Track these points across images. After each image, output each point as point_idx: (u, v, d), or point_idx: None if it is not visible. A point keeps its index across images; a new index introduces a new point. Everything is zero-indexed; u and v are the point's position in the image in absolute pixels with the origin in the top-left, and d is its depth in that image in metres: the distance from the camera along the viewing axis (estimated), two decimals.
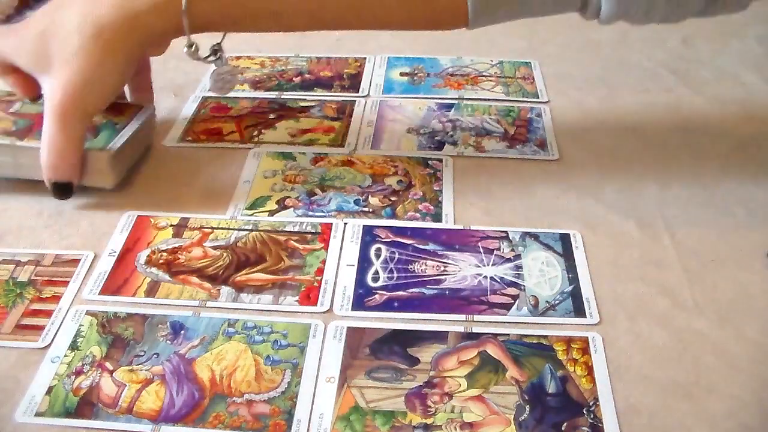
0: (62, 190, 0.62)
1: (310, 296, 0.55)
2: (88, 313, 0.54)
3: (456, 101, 0.79)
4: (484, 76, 0.83)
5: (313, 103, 0.78)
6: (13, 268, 0.57)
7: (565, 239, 0.60)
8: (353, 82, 0.82)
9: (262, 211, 0.63)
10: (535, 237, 0.60)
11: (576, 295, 0.55)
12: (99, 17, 0.59)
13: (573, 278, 0.57)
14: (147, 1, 0.59)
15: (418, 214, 0.63)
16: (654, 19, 0.60)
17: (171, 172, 0.68)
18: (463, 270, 0.57)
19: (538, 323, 0.53)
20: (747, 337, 0.52)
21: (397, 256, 0.59)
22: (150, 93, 0.72)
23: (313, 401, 0.48)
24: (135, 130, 0.65)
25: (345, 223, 0.62)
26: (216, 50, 0.65)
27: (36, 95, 0.65)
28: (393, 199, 0.65)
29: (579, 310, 0.54)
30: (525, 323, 0.53)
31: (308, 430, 0.46)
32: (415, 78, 0.83)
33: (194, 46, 0.63)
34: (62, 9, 0.61)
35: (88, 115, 0.61)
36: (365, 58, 0.87)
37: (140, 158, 0.68)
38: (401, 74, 0.84)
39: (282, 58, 0.87)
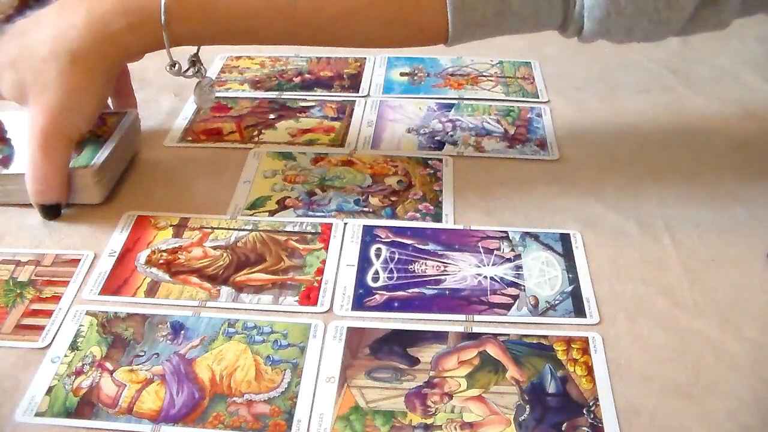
0: (50, 211, 0.62)
1: (310, 296, 0.55)
2: (88, 313, 0.54)
3: (456, 101, 0.79)
4: (484, 76, 0.83)
5: (313, 103, 0.78)
6: (13, 268, 0.57)
7: (565, 239, 0.60)
8: (353, 82, 0.82)
9: (262, 211, 0.63)
10: (535, 237, 0.60)
11: (576, 295, 0.55)
12: (72, 41, 0.58)
13: (573, 278, 0.57)
14: (121, 21, 0.58)
15: (418, 214, 0.63)
16: (635, 38, 0.60)
17: (171, 172, 0.68)
18: (463, 270, 0.57)
19: (538, 323, 0.53)
20: (747, 337, 0.52)
21: (397, 256, 0.59)
22: (132, 98, 0.72)
23: (313, 401, 0.48)
24: (118, 142, 0.65)
25: (345, 223, 0.62)
26: (194, 61, 0.65)
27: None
28: (393, 199, 0.65)
29: (579, 310, 0.54)
30: (525, 323, 0.53)
31: (308, 430, 0.46)
32: (415, 78, 0.83)
33: (177, 65, 0.63)
34: (30, 34, 0.60)
35: (71, 140, 0.61)
36: (365, 58, 0.87)
37: (128, 165, 0.68)
38: (401, 74, 0.84)
39: (282, 58, 0.87)
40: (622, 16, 0.56)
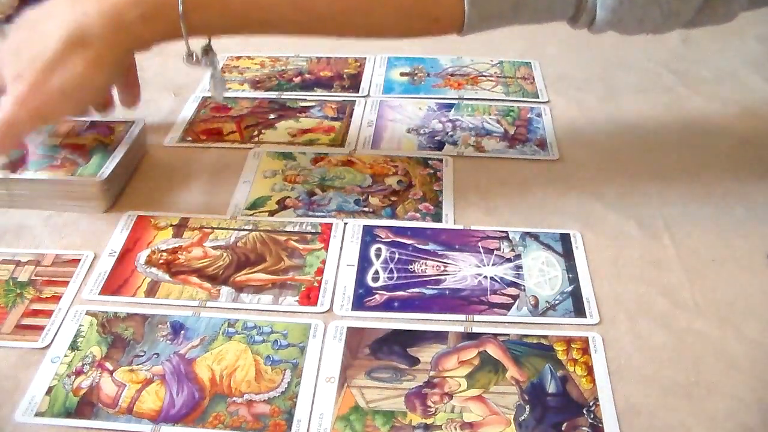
0: None
1: (310, 296, 0.55)
2: (88, 313, 0.54)
3: (456, 101, 0.79)
4: (484, 76, 0.83)
5: (313, 103, 0.78)
6: (13, 268, 0.57)
7: (565, 239, 0.60)
8: (353, 82, 0.82)
9: (262, 211, 0.63)
10: (535, 237, 0.60)
11: (576, 295, 0.55)
12: (85, 27, 0.58)
13: (573, 278, 0.57)
14: (134, 11, 0.58)
15: (418, 214, 0.63)
16: (646, 29, 0.60)
17: (171, 172, 0.68)
18: (463, 270, 0.57)
19: (538, 323, 0.53)
20: (747, 337, 0.52)
21: (397, 256, 0.59)
22: (137, 87, 0.70)
23: (313, 401, 0.48)
24: (125, 153, 0.65)
25: (345, 223, 0.62)
26: (207, 51, 0.64)
27: None
28: (393, 199, 0.65)
29: (579, 310, 0.54)
30: (525, 323, 0.53)
31: (308, 430, 0.46)
32: (415, 78, 0.83)
33: (194, 55, 0.62)
34: (40, 24, 0.60)
35: (45, 121, 0.61)
36: (365, 58, 0.87)
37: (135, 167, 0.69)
38: (401, 74, 0.84)
39: (282, 58, 0.87)
40: (634, 5, 0.57)
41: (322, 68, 0.85)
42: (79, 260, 0.58)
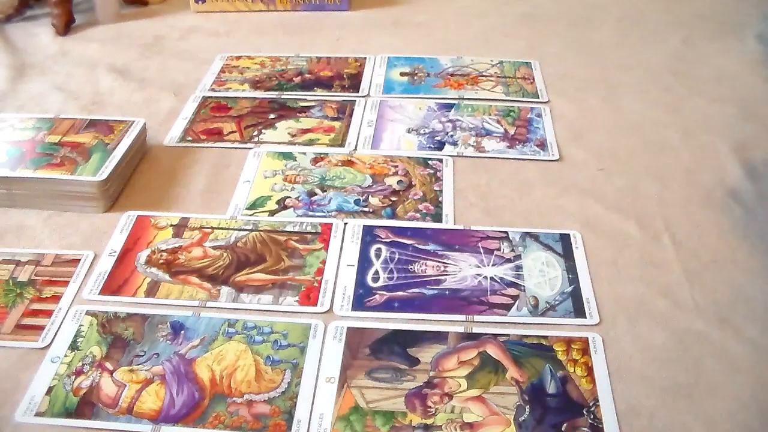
0: None
1: (310, 296, 0.55)
2: (88, 313, 0.54)
3: (456, 101, 0.78)
4: (484, 76, 0.83)
5: (313, 103, 0.78)
6: (13, 268, 0.57)
7: (565, 239, 0.60)
8: (353, 82, 0.82)
9: (262, 211, 0.63)
10: (535, 237, 0.60)
11: (576, 296, 0.55)
12: None
13: (573, 279, 0.57)
14: None
15: (418, 214, 0.63)
16: None
17: (171, 172, 0.68)
18: (464, 270, 0.57)
19: (538, 323, 0.53)
20: (747, 337, 0.52)
21: (397, 256, 0.59)
22: None
23: (313, 401, 0.48)
24: (125, 151, 0.65)
25: (345, 223, 0.62)
26: None
27: None
28: (393, 199, 0.65)
29: (579, 311, 0.54)
30: (525, 324, 0.53)
31: (308, 430, 0.46)
32: (415, 78, 0.83)
33: None
34: None
35: None
36: (365, 58, 0.87)
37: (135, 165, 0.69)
38: (401, 74, 0.84)
39: (282, 58, 0.87)
40: None
41: (322, 68, 0.85)
42: (79, 260, 0.58)
